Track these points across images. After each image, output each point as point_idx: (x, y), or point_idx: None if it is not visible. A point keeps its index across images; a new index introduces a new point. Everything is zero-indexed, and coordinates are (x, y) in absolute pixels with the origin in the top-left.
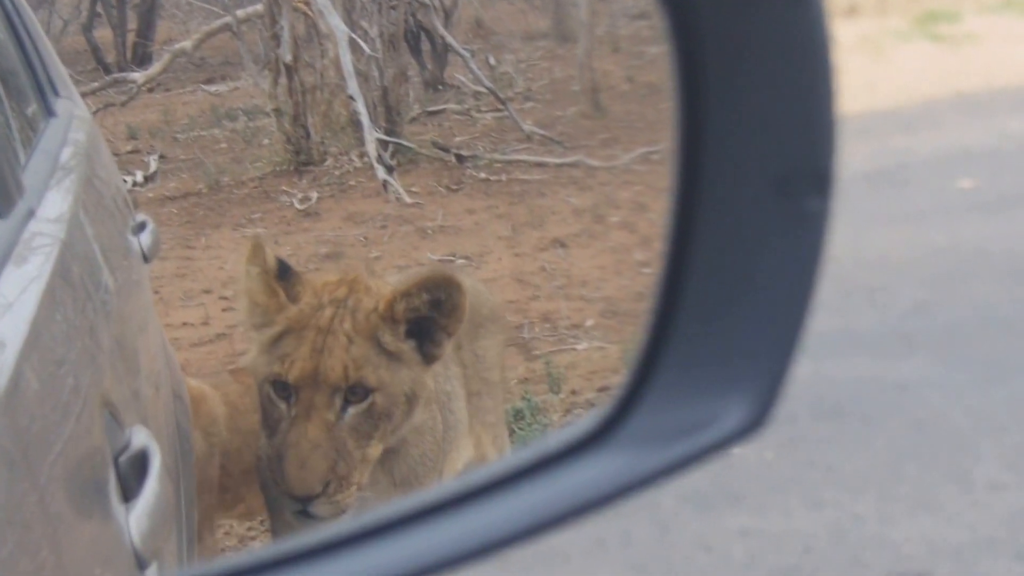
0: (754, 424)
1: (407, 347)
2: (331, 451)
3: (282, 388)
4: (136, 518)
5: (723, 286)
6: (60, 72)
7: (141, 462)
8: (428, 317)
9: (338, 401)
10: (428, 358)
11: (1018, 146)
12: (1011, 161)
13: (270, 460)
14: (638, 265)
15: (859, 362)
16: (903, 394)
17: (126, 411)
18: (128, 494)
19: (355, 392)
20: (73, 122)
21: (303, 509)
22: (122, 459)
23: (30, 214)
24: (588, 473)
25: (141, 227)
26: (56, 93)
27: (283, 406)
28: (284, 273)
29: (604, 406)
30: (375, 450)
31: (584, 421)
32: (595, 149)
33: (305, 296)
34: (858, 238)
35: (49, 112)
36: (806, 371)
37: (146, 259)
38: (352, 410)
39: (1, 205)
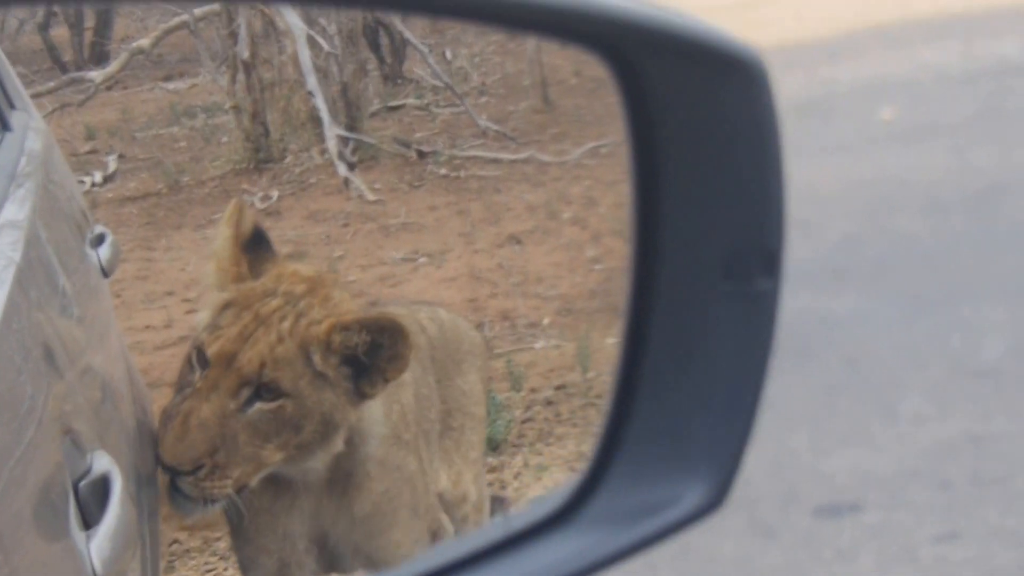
0: (714, 503)
1: (338, 374)
2: (217, 437)
3: (202, 358)
4: (97, 544)
5: (678, 368)
6: (14, 83)
7: (103, 487)
8: (364, 359)
9: (246, 393)
10: (361, 395)
11: (933, 76)
12: (927, 91)
13: (161, 414)
14: (590, 262)
15: (792, 296)
16: (835, 328)
17: (87, 433)
18: (90, 520)
19: (268, 390)
20: (28, 134)
21: (171, 478)
22: (83, 484)
23: None
24: (552, 553)
25: (100, 239)
26: (11, 105)
27: (196, 374)
28: (259, 243)
29: (567, 487)
30: (271, 455)
31: (547, 502)
32: (546, 144)
33: (267, 276)
34: (789, 170)
35: (4, 126)
36: None
37: (105, 274)
38: (258, 406)
39: None
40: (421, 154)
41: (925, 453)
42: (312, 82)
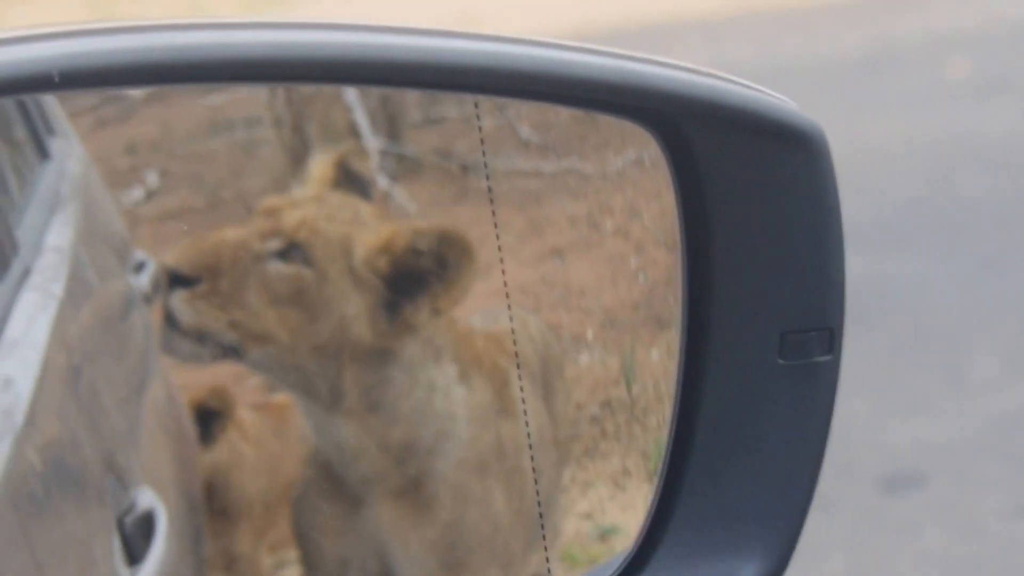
0: None
1: (374, 283)
2: (227, 261)
3: None
4: None
5: (732, 443)
6: (53, 106)
7: (147, 522)
8: (421, 274)
9: (274, 244)
10: (398, 319)
11: (1007, 29)
12: (1000, 45)
13: None
14: (633, 274)
15: (853, 259)
16: (898, 292)
17: (130, 468)
18: (135, 555)
19: (297, 253)
20: (68, 160)
21: (168, 302)
22: (127, 520)
23: (26, 273)
24: None
25: (141, 266)
26: (50, 131)
27: None
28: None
29: (610, 566)
30: (275, 326)
31: None
32: (587, 154)
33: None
34: (850, 130)
35: (44, 154)
36: None
37: (147, 300)
38: (278, 265)
39: None
40: (463, 167)
41: (995, 422)
42: (351, 94)
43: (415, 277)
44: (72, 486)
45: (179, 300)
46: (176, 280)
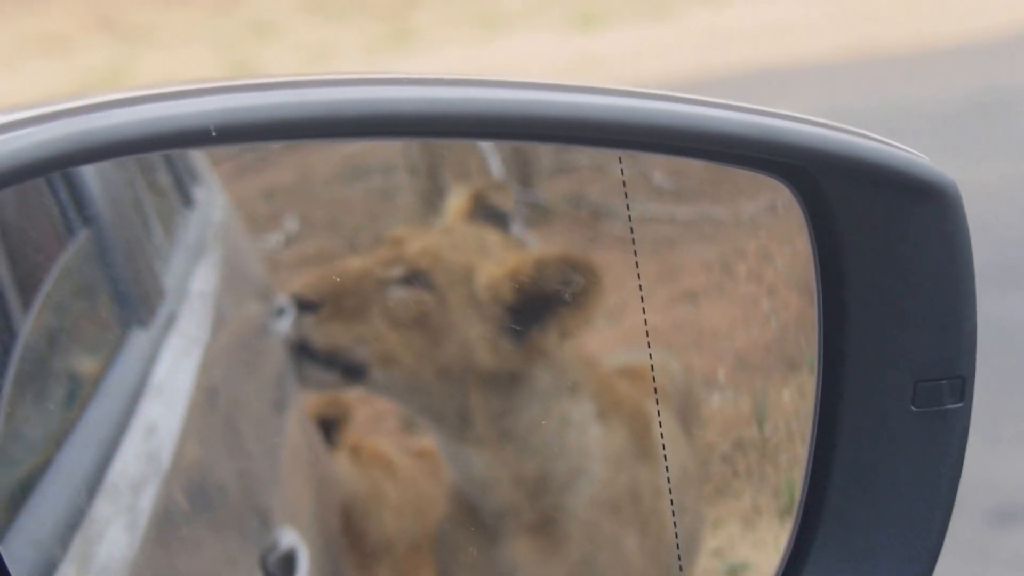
0: None
1: (498, 307)
2: (351, 287)
3: None
4: None
5: (866, 487)
6: (195, 155)
7: (289, 560)
8: (547, 299)
9: (397, 270)
10: (525, 341)
11: None
12: None
13: None
14: (765, 317)
15: None
16: (1007, 330)
17: (273, 508)
18: None
19: (418, 279)
20: (211, 208)
21: (298, 329)
22: (270, 559)
23: (171, 319)
24: None
25: (282, 311)
26: (194, 179)
27: None
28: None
29: None
30: (400, 348)
31: None
32: (721, 200)
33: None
34: (960, 171)
35: (188, 201)
36: None
37: (288, 344)
38: (400, 291)
39: (142, 314)
40: (594, 213)
41: None
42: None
43: (542, 302)
44: (217, 525)
45: (309, 325)
46: (303, 307)
